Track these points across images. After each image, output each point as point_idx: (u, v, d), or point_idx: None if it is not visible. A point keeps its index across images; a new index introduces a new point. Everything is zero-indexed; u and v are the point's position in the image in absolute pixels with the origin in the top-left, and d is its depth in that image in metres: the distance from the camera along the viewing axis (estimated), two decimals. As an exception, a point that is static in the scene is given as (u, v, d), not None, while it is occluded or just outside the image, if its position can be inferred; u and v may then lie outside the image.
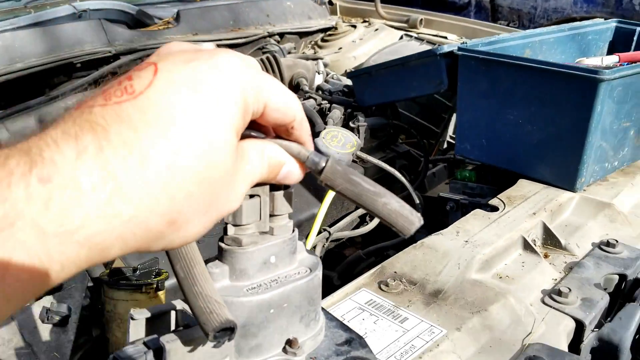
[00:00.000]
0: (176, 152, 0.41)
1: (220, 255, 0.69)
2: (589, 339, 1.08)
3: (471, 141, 1.57)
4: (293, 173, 0.58)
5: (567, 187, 1.40)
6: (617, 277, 1.16)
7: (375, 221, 1.65)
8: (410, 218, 0.64)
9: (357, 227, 1.67)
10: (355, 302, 1.06)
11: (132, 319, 0.67)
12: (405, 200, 0.65)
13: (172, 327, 0.69)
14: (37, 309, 1.14)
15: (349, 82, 2.23)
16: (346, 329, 0.81)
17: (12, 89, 1.85)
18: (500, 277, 1.13)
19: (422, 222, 0.65)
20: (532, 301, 1.07)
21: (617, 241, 1.21)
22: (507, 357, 0.95)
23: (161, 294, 1.18)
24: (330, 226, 1.58)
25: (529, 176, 1.47)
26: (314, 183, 1.61)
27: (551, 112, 1.36)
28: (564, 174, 1.40)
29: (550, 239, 1.25)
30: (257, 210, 0.68)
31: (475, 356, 0.95)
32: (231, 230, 0.68)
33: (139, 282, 1.15)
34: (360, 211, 1.64)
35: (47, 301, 1.16)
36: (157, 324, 0.69)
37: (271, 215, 0.70)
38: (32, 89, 1.91)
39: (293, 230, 0.73)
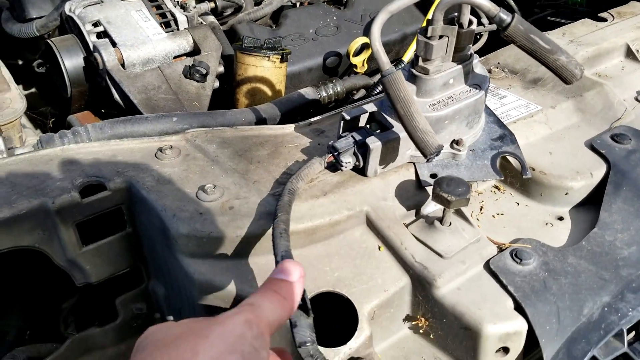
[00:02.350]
0: None
1: (411, 77, 0.87)
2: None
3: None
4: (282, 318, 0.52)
5: (683, 12, 1.40)
6: None
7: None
8: (574, 71, 0.82)
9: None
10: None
11: (344, 119, 0.86)
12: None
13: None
14: (180, 66, 1.33)
15: None
16: (501, 125, 0.99)
17: None
18: (599, 76, 1.20)
19: (583, 73, 0.82)
20: (626, 97, 1.15)
21: None
22: (595, 134, 1.05)
23: (284, 65, 1.34)
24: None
25: (643, -1, 1.47)
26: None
27: None
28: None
29: (654, 52, 1.29)
30: (445, 48, 0.84)
31: (565, 130, 1.06)
32: (421, 61, 0.85)
33: (267, 52, 1.30)
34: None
35: (189, 61, 1.34)
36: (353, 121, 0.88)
37: (456, 49, 0.85)
38: None
39: (470, 56, 0.87)
